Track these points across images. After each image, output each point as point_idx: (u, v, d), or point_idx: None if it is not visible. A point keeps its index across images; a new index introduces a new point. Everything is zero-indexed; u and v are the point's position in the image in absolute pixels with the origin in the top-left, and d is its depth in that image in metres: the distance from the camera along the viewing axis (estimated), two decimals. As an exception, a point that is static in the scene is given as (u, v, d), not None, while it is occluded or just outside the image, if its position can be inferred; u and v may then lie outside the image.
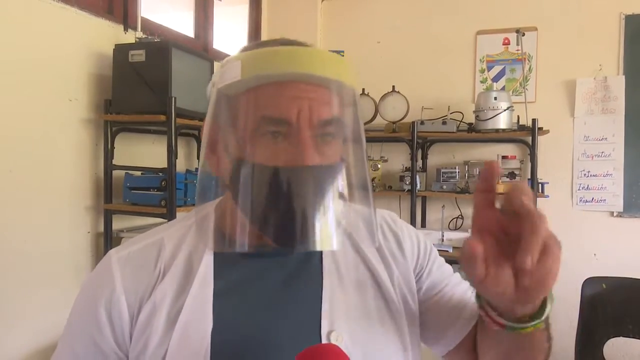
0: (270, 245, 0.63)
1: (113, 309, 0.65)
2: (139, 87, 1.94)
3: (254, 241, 0.63)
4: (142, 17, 2.20)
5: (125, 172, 2.09)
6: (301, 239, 0.59)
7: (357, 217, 0.67)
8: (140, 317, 0.64)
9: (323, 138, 0.61)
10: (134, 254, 0.69)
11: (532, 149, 2.66)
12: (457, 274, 0.81)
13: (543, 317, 0.55)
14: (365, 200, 0.64)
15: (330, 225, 0.60)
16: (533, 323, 0.54)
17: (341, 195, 0.62)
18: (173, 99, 1.90)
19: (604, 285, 2.11)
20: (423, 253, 0.79)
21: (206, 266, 0.67)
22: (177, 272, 0.67)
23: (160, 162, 2.02)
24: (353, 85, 0.63)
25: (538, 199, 2.68)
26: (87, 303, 0.68)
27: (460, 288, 0.78)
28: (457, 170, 2.88)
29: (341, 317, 0.67)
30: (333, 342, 0.64)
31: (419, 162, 3.01)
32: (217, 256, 0.68)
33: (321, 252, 0.71)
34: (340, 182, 0.62)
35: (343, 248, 0.72)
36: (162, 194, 1.99)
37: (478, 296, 0.58)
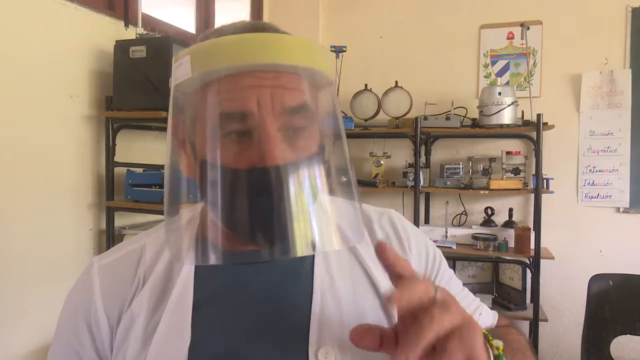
0: (251, 251, 0.59)
1: (92, 320, 0.63)
2: (140, 83, 1.93)
3: (236, 247, 0.60)
4: (142, 13, 2.19)
5: (127, 169, 2.08)
6: (279, 245, 0.54)
7: (340, 214, 0.59)
8: (120, 329, 0.62)
9: (294, 130, 0.55)
10: (115, 263, 0.67)
11: (536, 144, 2.63)
12: (465, 290, 0.77)
13: None
14: (348, 194, 0.57)
15: (309, 228, 0.54)
16: None
17: (320, 192, 0.56)
18: (174, 95, 1.89)
19: (610, 282, 2.09)
20: (431, 266, 0.72)
21: (186, 276, 0.63)
22: (156, 282, 0.63)
23: (162, 158, 2.01)
24: (322, 69, 0.56)
25: (543, 195, 2.66)
26: (69, 313, 0.67)
27: (462, 302, 0.74)
28: (460, 166, 2.86)
29: (332, 331, 0.60)
30: (321, 359, 0.58)
31: (423, 158, 2.98)
32: (198, 265, 0.64)
33: (312, 255, 0.65)
34: (318, 178, 0.56)
35: (337, 251, 0.65)
36: (163, 191, 1.98)
37: None
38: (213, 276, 0.63)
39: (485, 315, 0.76)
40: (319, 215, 0.54)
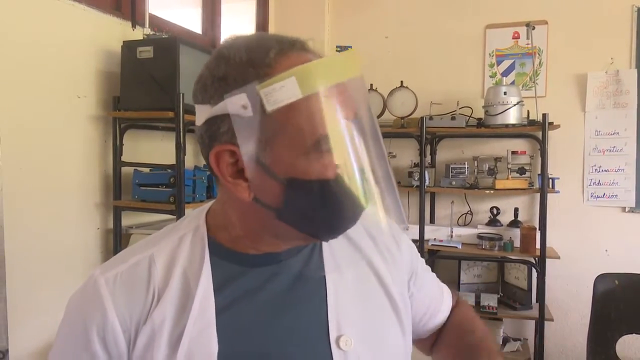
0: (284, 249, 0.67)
1: (107, 335, 0.62)
2: (147, 83, 1.95)
3: (269, 248, 0.66)
4: (149, 14, 2.20)
5: (134, 169, 2.10)
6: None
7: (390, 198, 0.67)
8: (138, 343, 0.61)
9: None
10: (123, 275, 0.65)
11: (542, 144, 2.63)
12: (432, 273, 0.88)
13: None
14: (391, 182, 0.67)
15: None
16: None
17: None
18: (181, 95, 1.90)
19: (616, 282, 2.09)
20: (415, 259, 0.82)
21: (205, 283, 0.64)
22: (175, 291, 0.63)
23: (169, 158, 2.02)
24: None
25: (549, 194, 2.66)
26: (76, 330, 0.64)
27: (434, 287, 0.86)
28: (466, 166, 2.86)
29: (348, 320, 0.66)
30: (342, 347, 0.64)
31: (428, 158, 2.99)
32: (215, 271, 0.65)
33: (321, 251, 0.70)
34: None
35: (341, 245, 0.71)
36: (170, 191, 2.00)
37: None
38: (231, 283, 0.65)
39: (447, 294, 0.89)
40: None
